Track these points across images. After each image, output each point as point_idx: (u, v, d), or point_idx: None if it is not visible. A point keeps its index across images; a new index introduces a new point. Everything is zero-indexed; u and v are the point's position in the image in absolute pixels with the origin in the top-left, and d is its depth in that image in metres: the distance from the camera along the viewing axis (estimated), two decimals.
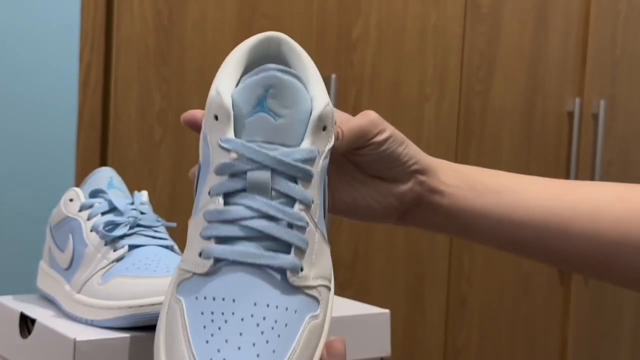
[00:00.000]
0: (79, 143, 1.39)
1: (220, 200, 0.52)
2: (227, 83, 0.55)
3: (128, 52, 1.42)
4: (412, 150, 0.66)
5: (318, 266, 0.53)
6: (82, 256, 0.68)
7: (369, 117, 0.64)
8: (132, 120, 1.42)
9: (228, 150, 0.52)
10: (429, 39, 1.73)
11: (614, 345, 2.01)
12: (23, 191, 1.35)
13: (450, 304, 1.79)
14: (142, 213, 0.70)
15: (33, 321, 0.66)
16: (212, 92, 0.54)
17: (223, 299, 0.50)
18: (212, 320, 0.49)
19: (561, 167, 1.91)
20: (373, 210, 0.67)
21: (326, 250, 0.55)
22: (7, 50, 1.33)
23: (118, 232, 0.68)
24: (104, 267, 0.66)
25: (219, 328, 0.48)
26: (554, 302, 1.91)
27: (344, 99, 1.62)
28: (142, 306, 0.62)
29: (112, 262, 0.66)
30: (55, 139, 1.37)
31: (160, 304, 0.61)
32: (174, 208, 1.46)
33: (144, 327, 0.63)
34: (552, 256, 0.67)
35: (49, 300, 0.73)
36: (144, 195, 0.73)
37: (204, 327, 0.49)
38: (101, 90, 1.42)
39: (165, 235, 0.70)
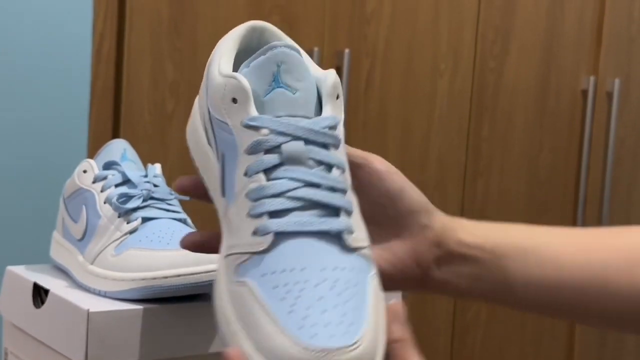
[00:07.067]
0: (91, 113, 1.39)
1: (262, 176, 0.52)
2: (229, 67, 0.55)
3: (141, 22, 1.41)
4: (407, 192, 0.61)
5: (361, 227, 0.54)
6: (96, 227, 0.68)
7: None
8: (144, 91, 1.42)
9: (257, 128, 0.52)
10: (443, 13, 1.71)
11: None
12: (36, 162, 1.36)
13: None
14: (155, 186, 0.70)
15: (46, 291, 0.66)
16: (218, 77, 0.54)
17: (292, 270, 0.50)
18: (289, 291, 0.49)
19: (574, 145, 1.90)
20: (389, 276, 0.61)
21: (360, 213, 0.55)
22: (20, 20, 1.33)
23: (131, 204, 0.68)
24: (117, 239, 0.67)
25: (298, 297, 0.48)
26: None
27: (357, 74, 1.61)
28: (155, 278, 0.62)
29: (126, 234, 0.67)
30: (68, 109, 1.37)
31: (174, 276, 0.62)
32: None
33: (156, 299, 0.63)
34: (589, 316, 0.62)
35: (62, 271, 0.73)
36: (157, 168, 0.73)
37: (282, 299, 0.49)
38: (114, 60, 1.42)
39: (179, 209, 0.70)
